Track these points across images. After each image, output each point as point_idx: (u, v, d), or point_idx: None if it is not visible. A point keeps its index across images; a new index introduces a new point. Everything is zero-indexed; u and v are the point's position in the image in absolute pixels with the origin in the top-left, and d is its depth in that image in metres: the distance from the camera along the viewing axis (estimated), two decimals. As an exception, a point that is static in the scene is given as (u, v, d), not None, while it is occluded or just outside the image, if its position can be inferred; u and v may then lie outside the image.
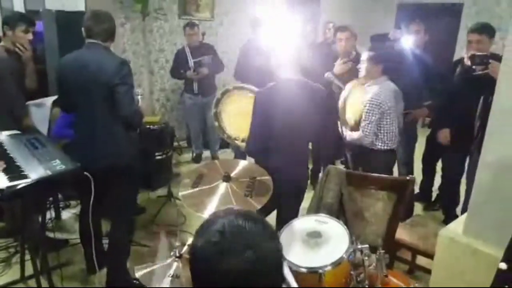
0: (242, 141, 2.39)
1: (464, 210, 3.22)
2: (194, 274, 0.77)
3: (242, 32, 5.05)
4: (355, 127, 2.43)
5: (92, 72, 1.94)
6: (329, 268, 1.41)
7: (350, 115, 2.49)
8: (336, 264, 1.42)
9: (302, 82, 1.99)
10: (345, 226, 1.57)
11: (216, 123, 2.47)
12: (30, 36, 2.62)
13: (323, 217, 1.67)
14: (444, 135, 2.79)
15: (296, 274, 1.44)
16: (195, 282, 0.78)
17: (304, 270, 1.43)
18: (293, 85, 1.94)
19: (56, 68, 2.10)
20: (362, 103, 2.34)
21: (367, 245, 1.46)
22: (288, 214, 1.88)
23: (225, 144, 4.36)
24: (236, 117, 2.44)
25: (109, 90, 1.94)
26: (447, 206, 2.98)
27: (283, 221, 1.92)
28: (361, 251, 1.46)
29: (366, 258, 1.43)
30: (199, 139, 4.28)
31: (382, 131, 2.31)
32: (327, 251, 1.47)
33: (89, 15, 2.00)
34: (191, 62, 3.86)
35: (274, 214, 2.07)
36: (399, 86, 2.40)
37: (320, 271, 1.41)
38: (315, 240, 1.53)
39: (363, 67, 2.40)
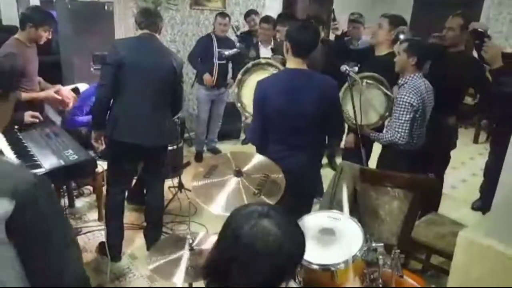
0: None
1: (481, 207, 3.18)
2: (222, 230, 0.91)
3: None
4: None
5: (158, 61, 2.25)
6: (342, 266, 1.38)
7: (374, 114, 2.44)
8: (350, 262, 1.38)
9: (306, 71, 1.92)
10: (359, 224, 1.53)
11: (236, 90, 2.59)
12: (49, 35, 2.59)
13: (336, 213, 1.64)
14: None
15: (308, 271, 1.42)
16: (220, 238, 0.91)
17: (316, 267, 1.40)
18: (295, 73, 1.89)
19: (114, 50, 2.23)
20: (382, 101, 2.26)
21: (381, 244, 1.43)
22: (298, 207, 1.87)
23: (224, 136, 4.36)
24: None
25: (171, 81, 2.29)
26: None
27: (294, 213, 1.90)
28: (376, 250, 1.43)
29: (381, 257, 1.40)
30: (203, 135, 4.20)
31: (412, 131, 2.20)
32: (340, 249, 1.44)
33: (140, 10, 2.42)
34: (216, 52, 3.80)
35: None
36: (434, 83, 2.28)
37: (333, 268, 1.38)
38: (328, 237, 1.49)
39: (397, 59, 2.26)
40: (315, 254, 1.43)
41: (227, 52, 3.67)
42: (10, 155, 1.91)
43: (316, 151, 2.03)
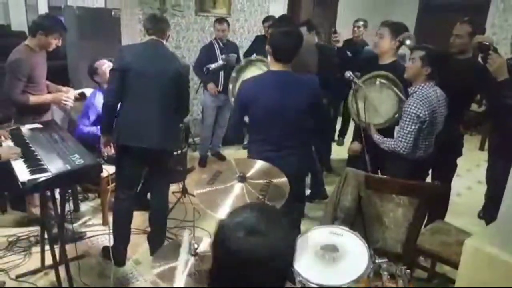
0: None
1: (485, 215, 3.14)
2: (214, 246, 0.92)
3: (257, 28, 5.06)
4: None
5: (164, 66, 2.26)
6: (348, 286, 1.35)
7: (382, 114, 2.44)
8: (356, 282, 1.36)
9: (290, 73, 1.96)
10: (363, 240, 1.51)
11: (231, 86, 2.77)
12: (59, 43, 2.63)
13: (338, 228, 1.62)
14: None
15: None
16: (214, 254, 0.92)
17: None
18: (279, 75, 1.94)
19: (125, 57, 2.25)
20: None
21: (385, 259, 1.41)
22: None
23: (228, 141, 4.38)
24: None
25: (177, 86, 2.29)
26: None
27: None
28: (380, 266, 1.41)
29: (385, 273, 1.38)
30: (208, 140, 4.22)
31: (417, 141, 2.17)
32: (345, 268, 1.42)
33: (148, 17, 2.45)
34: (219, 58, 3.83)
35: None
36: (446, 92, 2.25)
37: None
38: (331, 254, 1.47)
39: (410, 66, 2.19)
40: (318, 273, 1.40)
41: (213, 65, 3.69)
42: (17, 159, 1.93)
43: (302, 152, 2.04)
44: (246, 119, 2.09)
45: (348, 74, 2.46)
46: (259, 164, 1.75)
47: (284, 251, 0.88)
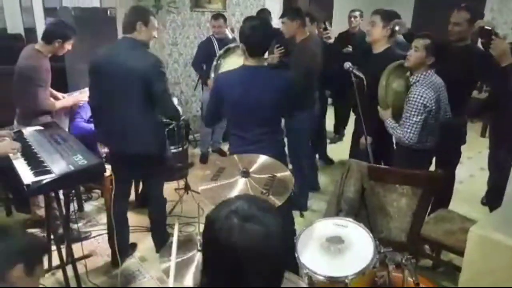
0: None
1: (488, 201, 3.15)
2: (205, 243, 0.86)
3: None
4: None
5: (127, 66, 2.09)
6: (354, 277, 1.36)
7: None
8: (362, 272, 1.37)
9: (262, 68, 1.99)
10: (368, 230, 1.52)
11: (213, 74, 2.75)
12: (70, 47, 2.63)
13: (342, 220, 1.62)
14: None
15: (320, 282, 1.40)
16: (205, 252, 0.86)
17: (327, 280, 1.38)
18: (251, 70, 1.98)
19: (92, 60, 2.21)
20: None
21: (390, 249, 1.42)
22: None
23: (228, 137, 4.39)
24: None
25: (145, 85, 2.11)
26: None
27: None
28: (385, 256, 1.42)
29: (391, 262, 1.39)
30: (209, 136, 4.21)
31: (423, 130, 2.15)
32: (351, 259, 1.42)
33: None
34: (218, 53, 3.81)
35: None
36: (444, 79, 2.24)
37: (347, 280, 1.36)
38: (337, 246, 1.47)
39: (414, 55, 2.15)
40: (324, 265, 1.41)
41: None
42: (20, 161, 1.93)
43: (274, 144, 2.06)
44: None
45: (348, 65, 2.45)
46: (262, 159, 1.76)
47: (281, 241, 0.81)
